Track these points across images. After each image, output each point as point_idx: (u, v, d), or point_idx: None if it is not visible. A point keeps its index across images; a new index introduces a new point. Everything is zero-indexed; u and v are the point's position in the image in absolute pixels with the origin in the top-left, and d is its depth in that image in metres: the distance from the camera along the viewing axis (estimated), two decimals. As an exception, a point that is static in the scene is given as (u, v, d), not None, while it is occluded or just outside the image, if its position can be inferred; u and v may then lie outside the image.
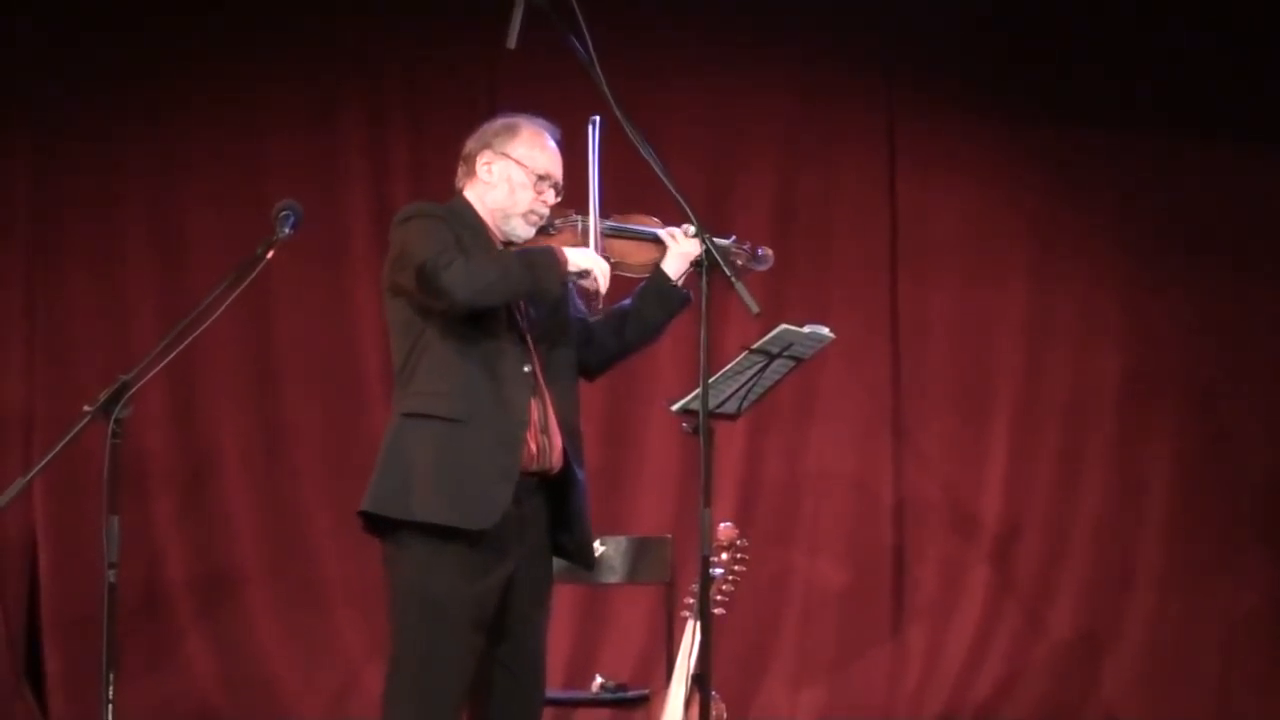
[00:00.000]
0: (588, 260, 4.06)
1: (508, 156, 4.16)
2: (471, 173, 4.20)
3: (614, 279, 4.17)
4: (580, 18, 3.93)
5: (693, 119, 6.91)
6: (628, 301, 4.26)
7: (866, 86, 7.02)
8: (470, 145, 4.22)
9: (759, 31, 6.92)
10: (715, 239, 4.11)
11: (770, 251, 4.33)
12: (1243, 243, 6.96)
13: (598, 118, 4.16)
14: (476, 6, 6.43)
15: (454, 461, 3.96)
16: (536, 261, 4.02)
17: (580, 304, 4.24)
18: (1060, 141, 6.96)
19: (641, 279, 4.25)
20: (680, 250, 4.20)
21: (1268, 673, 6.81)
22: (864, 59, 7.00)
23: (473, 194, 4.20)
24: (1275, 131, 6.90)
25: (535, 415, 4.06)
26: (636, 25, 6.70)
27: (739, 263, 4.24)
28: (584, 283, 4.06)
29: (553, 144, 4.21)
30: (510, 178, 4.16)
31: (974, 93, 6.95)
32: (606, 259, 4.14)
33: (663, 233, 4.22)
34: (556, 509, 4.16)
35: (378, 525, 4.04)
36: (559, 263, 4.01)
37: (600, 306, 4.12)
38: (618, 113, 3.92)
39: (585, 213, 4.18)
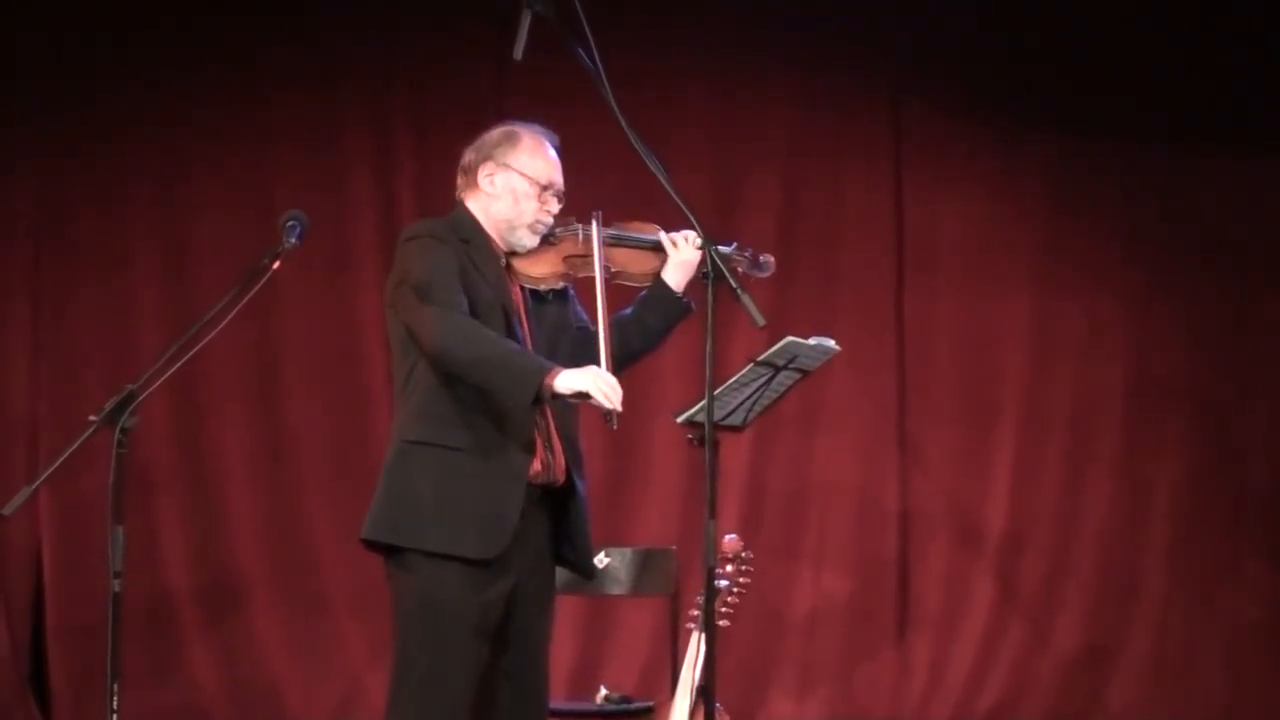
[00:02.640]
0: (584, 383, 3.86)
1: (510, 168, 4.15)
2: (473, 184, 4.18)
3: (615, 288, 4.16)
4: (587, 28, 3.93)
5: (699, 129, 6.90)
6: (629, 311, 4.25)
7: (872, 98, 7.01)
8: (470, 156, 4.20)
9: (765, 43, 6.91)
10: (717, 246, 4.10)
11: (771, 259, 4.31)
12: (1249, 252, 6.95)
13: (600, 212, 4.15)
14: (483, 17, 6.49)
15: (457, 493, 3.96)
16: (516, 369, 3.90)
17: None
18: (1066, 152, 6.95)
19: (643, 288, 4.25)
20: (681, 258, 4.19)
21: (1273, 684, 6.80)
22: (870, 70, 6.99)
23: (475, 205, 4.18)
24: (1281, 142, 6.92)
25: (539, 434, 4.06)
26: (643, 37, 6.70)
27: (740, 270, 4.23)
28: (589, 403, 3.90)
29: (553, 151, 4.20)
30: (514, 189, 4.15)
31: (980, 104, 6.95)
32: (608, 269, 4.13)
33: (664, 240, 4.22)
34: (558, 520, 4.16)
35: (379, 546, 4.05)
36: (539, 386, 3.84)
37: (615, 426, 3.94)
38: (623, 123, 3.91)
39: (586, 221, 4.18)
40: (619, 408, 3.89)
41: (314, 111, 6.85)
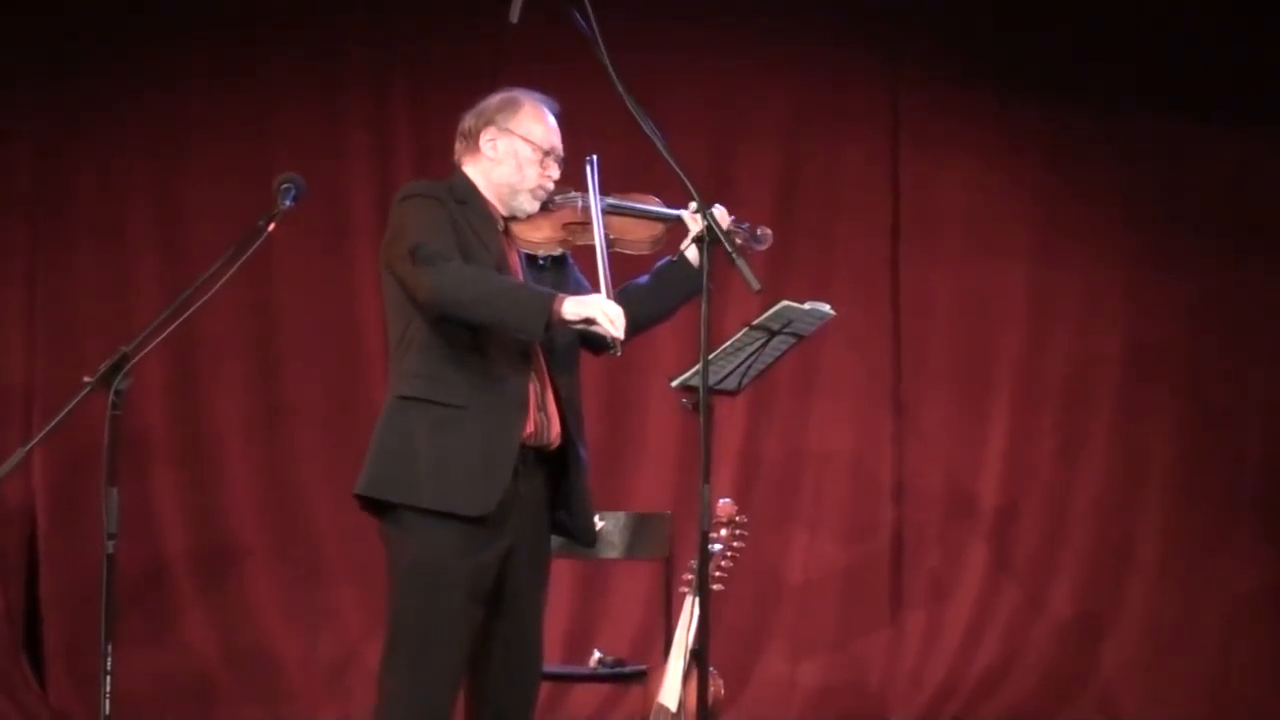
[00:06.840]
0: (590, 310, 3.90)
1: (513, 133, 4.14)
2: (474, 149, 4.17)
3: (613, 257, 4.15)
4: (584, -7, 3.93)
5: (696, 96, 6.90)
6: (643, 280, 4.23)
7: (870, 65, 7.01)
8: (470, 121, 4.19)
9: (763, 9, 6.90)
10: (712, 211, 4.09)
11: (769, 231, 4.30)
12: (1244, 223, 6.95)
13: (594, 157, 4.13)
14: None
15: (450, 449, 3.95)
16: (524, 299, 3.94)
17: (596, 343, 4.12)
18: (1063, 122, 6.95)
19: (640, 255, 4.24)
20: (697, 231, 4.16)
21: (1266, 652, 6.83)
22: (868, 38, 6.99)
23: (474, 170, 4.18)
24: (1279, 112, 6.89)
25: (533, 394, 4.05)
26: (641, 4, 6.68)
27: (738, 242, 4.22)
28: (594, 329, 3.92)
29: (552, 118, 4.19)
30: (517, 154, 4.14)
31: (977, 72, 6.94)
32: (608, 236, 4.12)
33: (686, 214, 4.17)
34: (556, 486, 4.16)
35: (375, 505, 4.05)
36: (549, 311, 3.88)
37: (619, 353, 3.97)
38: (620, 88, 3.91)
39: (584, 191, 4.16)
40: (621, 335, 3.90)
41: (312, 81, 6.85)
